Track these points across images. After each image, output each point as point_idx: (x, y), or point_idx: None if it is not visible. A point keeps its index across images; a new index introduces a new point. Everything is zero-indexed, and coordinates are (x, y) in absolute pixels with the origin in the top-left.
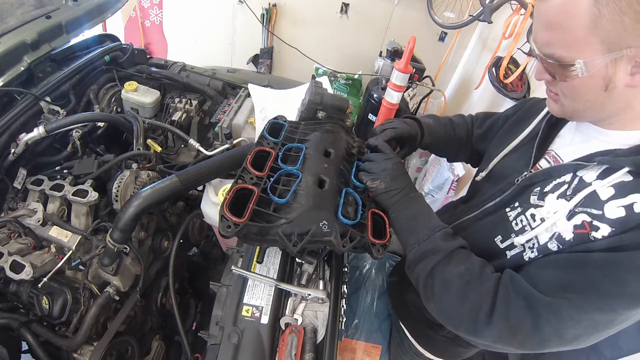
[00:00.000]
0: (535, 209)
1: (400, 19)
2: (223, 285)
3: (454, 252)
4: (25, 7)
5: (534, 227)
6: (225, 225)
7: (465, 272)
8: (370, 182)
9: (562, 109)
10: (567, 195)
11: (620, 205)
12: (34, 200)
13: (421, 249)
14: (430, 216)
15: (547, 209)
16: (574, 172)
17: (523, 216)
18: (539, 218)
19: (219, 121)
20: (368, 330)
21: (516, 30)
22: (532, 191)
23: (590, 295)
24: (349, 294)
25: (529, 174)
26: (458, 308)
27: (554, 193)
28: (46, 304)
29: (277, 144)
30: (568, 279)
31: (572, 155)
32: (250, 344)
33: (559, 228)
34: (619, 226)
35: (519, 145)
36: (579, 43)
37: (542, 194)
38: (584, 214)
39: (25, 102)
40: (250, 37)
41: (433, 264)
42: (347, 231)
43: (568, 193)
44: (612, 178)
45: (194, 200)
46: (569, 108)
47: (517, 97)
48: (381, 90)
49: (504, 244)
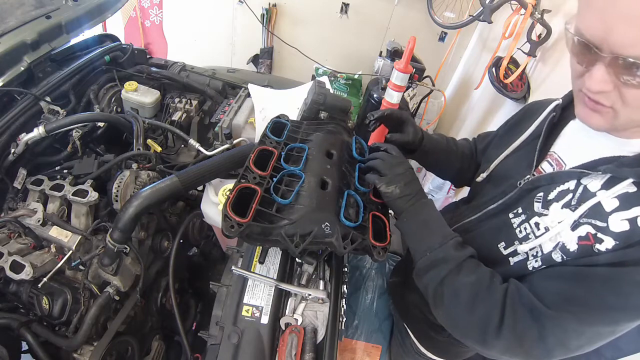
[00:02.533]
0: (539, 217)
1: (400, 19)
2: (223, 285)
3: (464, 262)
4: (25, 7)
5: (538, 236)
6: (228, 225)
7: (475, 282)
8: (385, 186)
9: (612, 122)
10: (571, 205)
11: (625, 219)
12: (34, 200)
13: (432, 257)
14: (442, 224)
15: (551, 218)
16: (578, 179)
17: (527, 224)
18: (543, 227)
19: (219, 121)
20: (368, 330)
21: (516, 30)
22: (536, 196)
23: (593, 309)
24: (349, 294)
25: (531, 178)
26: (468, 318)
27: (559, 202)
28: (46, 304)
29: (279, 144)
30: (572, 292)
31: (575, 158)
32: (250, 344)
33: (563, 238)
34: (623, 240)
35: (520, 146)
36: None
37: (547, 202)
38: (588, 226)
39: (25, 102)
40: (250, 37)
41: (445, 273)
42: (348, 233)
43: (573, 203)
44: (617, 189)
45: (194, 200)
46: (625, 119)
47: (517, 97)
48: (381, 90)
49: (507, 251)
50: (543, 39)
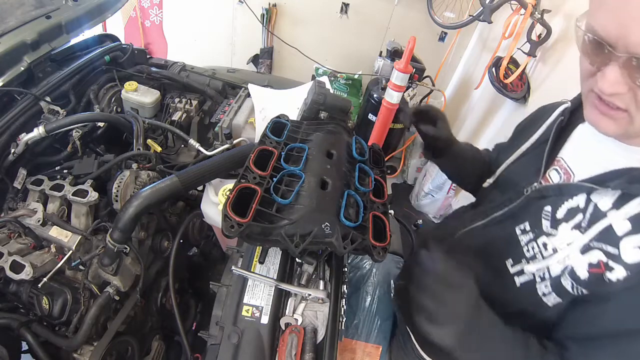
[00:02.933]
0: (547, 237)
1: (400, 19)
2: (223, 285)
3: None
4: (25, 7)
5: (546, 257)
6: (228, 225)
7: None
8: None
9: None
10: (582, 227)
11: (637, 246)
12: (34, 200)
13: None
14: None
15: (560, 240)
16: (587, 194)
17: (535, 243)
18: (551, 248)
19: (219, 121)
20: (368, 330)
21: (516, 30)
22: (543, 211)
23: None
24: (349, 294)
25: (538, 186)
26: None
27: (568, 222)
28: (46, 304)
29: (279, 143)
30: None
31: (584, 167)
32: (250, 344)
33: (572, 261)
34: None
35: (527, 151)
36: None
37: (555, 221)
38: (599, 252)
39: (25, 102)
40: (250, 37)
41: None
42: (348, 233)
43: (583, 225)
44: (629, 209)
45: (194, 200)
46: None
47: (517, 97)
48: (381, 90)
49: (514, 269)
50: (543, 39)
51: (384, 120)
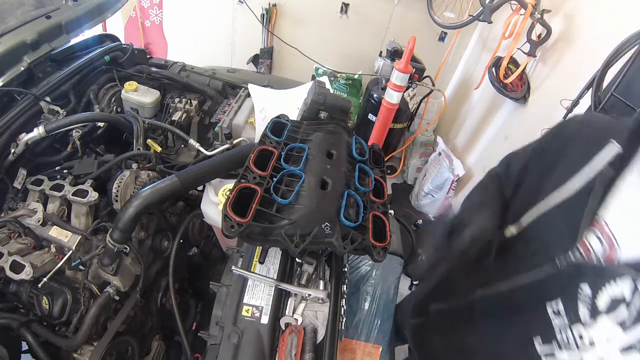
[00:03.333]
0: (584, 327)
1: (400, 19)
2: (223, 285)
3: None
4: (25, 7)
5: (581, 348)
6: (228, 225)
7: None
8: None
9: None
10: (625, 325)
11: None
12: (34, 200)
13: None
14: None
15: (598, 332)
16: (634, 280)
17: (569, 331)
18: (587, 340)
19: (219, 121)
20: (368, 330)
21: (516, 30)
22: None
23: None
24: (349, 294)
25: (574, 259)
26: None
27: (609, 315)
28: (46, 304)
29: (279, 143)
30: None
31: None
32: (250, 344)
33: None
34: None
35: (561, 204)
36: None
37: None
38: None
39: (25, 102)
40: (250, 37)
41: None
42: (348, 233)
43: (627, 323)
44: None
45: (194, 200)
46: None
47: (517, 97)
48: (381, 90)
49: (542, 349)
50: (543, 39)
51: (384, 120)
